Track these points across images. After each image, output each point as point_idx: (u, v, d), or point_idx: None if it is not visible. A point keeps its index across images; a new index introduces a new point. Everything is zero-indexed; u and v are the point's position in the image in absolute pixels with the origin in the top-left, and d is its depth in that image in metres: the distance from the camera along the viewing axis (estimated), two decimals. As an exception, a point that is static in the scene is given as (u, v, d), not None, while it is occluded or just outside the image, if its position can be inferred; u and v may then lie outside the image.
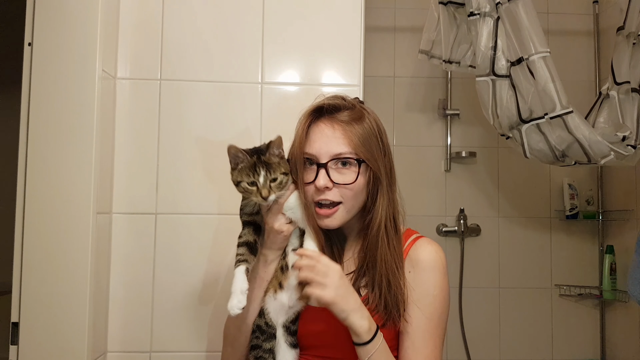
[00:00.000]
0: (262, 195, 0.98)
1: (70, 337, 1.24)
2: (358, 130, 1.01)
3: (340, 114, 1.03)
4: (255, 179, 0.99)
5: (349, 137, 1.00)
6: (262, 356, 1.05)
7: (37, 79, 1.27)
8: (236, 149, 1.01)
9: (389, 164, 1.06)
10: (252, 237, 1.06)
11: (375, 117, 1.06)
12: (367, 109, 1.07)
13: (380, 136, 1.04)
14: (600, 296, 2.39)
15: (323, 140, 1.01)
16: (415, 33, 2.27)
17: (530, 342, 2.46)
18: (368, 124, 1.03)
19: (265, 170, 0.99)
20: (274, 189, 0.99)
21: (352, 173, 1.01)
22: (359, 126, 1.01)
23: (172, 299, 1.41)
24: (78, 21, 1.29)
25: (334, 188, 1.01)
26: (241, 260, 1.02)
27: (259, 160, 1.01)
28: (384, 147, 1.05)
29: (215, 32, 1.45)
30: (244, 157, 1.01)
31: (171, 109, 1.43)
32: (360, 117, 1.03)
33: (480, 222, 2.49)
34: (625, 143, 1.83)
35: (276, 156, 1.03)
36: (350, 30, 1.46)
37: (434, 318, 1.01)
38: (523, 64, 1.82)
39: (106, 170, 1.36)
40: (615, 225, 2.42)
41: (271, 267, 1.06)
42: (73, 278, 1.24)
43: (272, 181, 0.99)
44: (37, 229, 1.25)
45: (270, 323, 1.06)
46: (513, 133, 1.95)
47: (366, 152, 1.01)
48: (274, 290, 1.06)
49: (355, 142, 1.00)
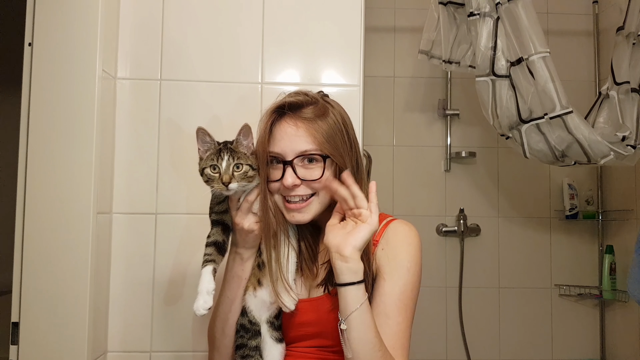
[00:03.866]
0: (223, 181, 0.96)
1: (70, 336, 1.24)
2: (322, 126, 1.01)
3: (304, 110, 1.03)
4: (218, 163, 0.97)
5: (312, 134, 1.01)
6: (249, 354, 1.05)
7: (37, 79, 1.27)
8: (204, 132, 1.00)
9: (355, 156, 1.06)
10: (220, 237, 1.05)
11: (340, 111, 1.07)
12: (331, 102, 1.08)
13: (345, 129, 1.05)
14: (600, 296, 2.39)
15: (287, 139, 1.01)
16: (415, 33, 2.27)
17: (530, 342, 2.46)
18: (332, 119, 1.03)
19: (229, 155, 0.97)
20: (237, 177, 0.97)
21: (319, 169, 1.01)
22: (323, 122, 1.02)
23: (171, 299, 1.41)
24: (78, 21, 1.29)
25: (302, 185, 1.02)
26: (208, 261, 1.01)
27: (225, 146, 1.00)
28: (350, 140, 1.05)
29: (215, 32, 1.45)
30: (212, 142, 1.00)
31: (171, 109, 1.43)
32: (324, 112, 1.03)
33: (480, 222, 2.49)
34: (625, 143, 1.83)
35: (244, 146, 1.02)
36: (350, 30, 1.46)
37: (407, 290, 1.01)
38: (523, 64, 1.83)
39: (106, 170, 1.36)
40: (615, 225, 2.42)
41: (248, 265, 1.07)
42: (73, 278, 1.25)
43: (235, 167, 0.97)
44: (37, 229, 1.25)
45: (253, 320, 1.06)
46: (513, 133, 1.95)
47: (331, 148, 1.01)
48: (253, 288, 1.06)
49: (320, 139, 1.00)
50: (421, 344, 2.36)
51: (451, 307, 2.46)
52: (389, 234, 1.07)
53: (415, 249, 1.05)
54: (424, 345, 2.40)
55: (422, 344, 2.37)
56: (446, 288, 2.47)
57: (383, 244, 1.06)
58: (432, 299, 2.45)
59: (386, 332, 0.98)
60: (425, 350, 2.42)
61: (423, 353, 2.40)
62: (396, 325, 0.99)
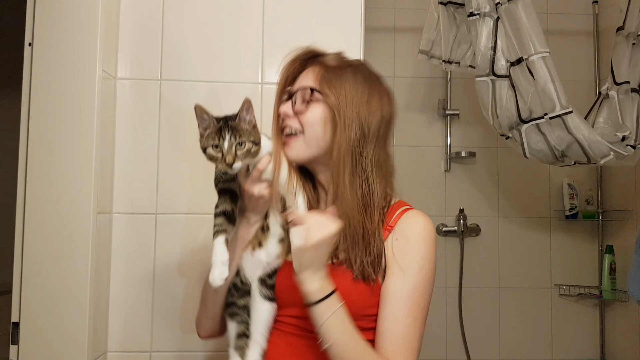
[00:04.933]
0: (227, 162, 0.93)
1: (70, 336, 1.24)
2: (336, 72, 1.02)
3: (327, 57, 1.06)
4: (220, 143, 0.93)
5: (320, 73, 1.02)
6: (236, 312, 1.04)
7: (38, 79, 1.27)
8: (202, 109, 0.97)
9: (371, 120, 1.01)
10: (229, 206, 1.01)
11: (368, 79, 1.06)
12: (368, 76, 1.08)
13: (369, 93, 1.03)
14: (600, 296, 2.39)
15: (300, 79, 1.05)
16: (415, 33, 2.27)
17: (530, 342, 2.46)
18: (353, 73, 1.03)
19: (230, 134, 0.94)
20: (240, 156, 0.94)
21: (311, 105, 1.01)
22: (340, 70, 1.03)
23: (172, 299, 1.41)
24: (78, 21, 1.29)
25: (295, 117, 1.01)
26: (220, 231, 0.97)
27: (225, 124, 0.96)
28: (370, 103, 1.03)
29: (215, 32, 1.45)
30: (210, 120, 0.97)
31: (171, 109, 1.43)
32: (346, 64, 1.05)
33: (480, 222, 2.49)
34: (625, 143, 1.83)
35: (247, 123, 0.98)
36: (350, 30, 1.46)
37: (418, 288, 0.96)
38: (523, 64, 1.83)
39: (106, 170, 1.36)
40: (614, 225, 2.42)
41: (254, 228, 1.04)
42: (73, 278, 1.25)
43: (238, 146, 0.94)
44: (37, 228, 1.25)
45: (244, 280, 1.04)
46: (513, 133, 1.95)
47: (331, 89, 0.99)
48: (252, 248, 1.03)
49: (322, 79, 1.01)
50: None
51: (451, 307, 2.46)
52: (404, 224, 0.99)
53: (431, 244, 0.98)
54: (424, 345, 2.38)
55: (422, 343, 2.37)
56: (446, 288, 2.46)
57: (397, 233, 0.99)
58: (432, 299, 2.43)
59: (392, 336, 0.93)
60: (425, 350, 2.38)
61: (423, 353, 2.37)
62: (403, 328, 0.94)
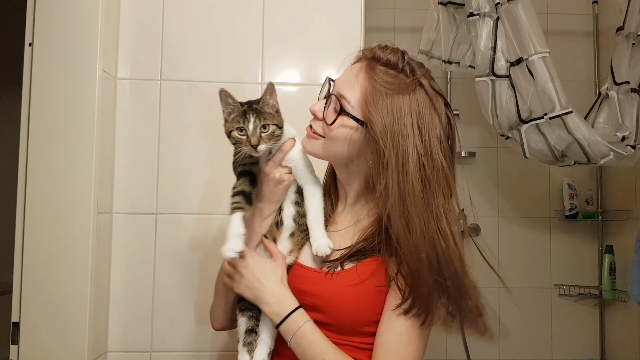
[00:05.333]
0: (252, 143, 0.94)
1: (70, 336, 1.24)
2: (381, 98, 0.90)
3: (379, 68, 0.94)
4: (245, 125, 0.95)
5: (365, 93, 0.92)
6: (247, 307, 1.03)
7: (38, 79, 1.28)
8: (226, 94, 0.98)
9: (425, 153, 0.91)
10: (247, 187, 1.01)
11: (421, 105, 0.92)
12: (421, 88, 0.93)
13: (417, 122, 0.91)
14: (599, 296, 2.39)
15: (345, 76, 0.97)
16: (415, 33, 2.27)
17: (530, 342, 2.46)
18: (399, 102, 0.90)
19: (255, 117, 0.95)
20: (264, 138, 0.95)
21: (341, 122, 0.94)
22: (385, 95, 0.90)
23: (172, 298, 1.41)
24: (78, 21, 1.29)
25: (319, 121, 0.98)
26: (237, 208, 0.97)
27: (249, 107, 0.97)
28: (420, 134, 0.92)
29: (215, 32, 1.46)
30: (235, 104, 0.98)
31: (171, 109, 1.43)
32: (394, 87, 0.91)
33: (479, 222, 2.49)
34: (625, 143, 1.83)
35: (270, 106, 0.99)
36: (350, 30, 1.46)
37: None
38: (522, 64, 1.83)
39: (107, 170, 1.36)
40: (614, 225, 2.42)
41: (267, 222, 1.03)
42: (74, 278, 1.25)
43: (262, 128, 0.96)
44: (37, 228, 1.25)
45: None
46: (512, 133, 1.95)
47: (374, 117, 0.90)
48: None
49: (364, 103, 0.91)
50: (421, 343, 2.36)
51: (451, 307, 2.46)
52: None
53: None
54: (423, 345, 2.40)
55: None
56: (446, 288, 2.46)
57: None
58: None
59: (385, 344, 0.91)
60: (425, 350, 2.41)
61: (423, 353, 2.40)
62: (397, 338, 0.92)
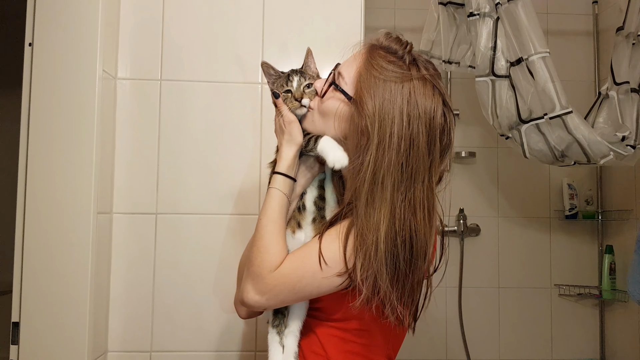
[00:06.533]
0: (295, 97, 0.99)
1: (70, 336, 1.24)
2: (374, 82, 0.91)
3: (378, 52, 0.95)
4: (290, 86, 1.01)
5: (359, 75, 0.93)
6: None
7: (38, 79, 1.28)
8: (268, 66, 1.04)
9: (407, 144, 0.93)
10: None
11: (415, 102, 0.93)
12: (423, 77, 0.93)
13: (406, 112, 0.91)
14: (599, 296, 2.39)
15: (349, 58, 1.00)
16: (415, 33, 2.27)
17: (530, 342, 2.46)
18: (391, 90, 0.90)
19: (298, 77, 1.02)
20: (307, 93, 1.00)
21: (334, 94, 0.96)
22: (380, 81, 0.90)
23: (172, 298, 1.41)
24: (79, 21, 1.29)
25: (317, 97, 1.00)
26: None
27: (292, 71, 1.04)
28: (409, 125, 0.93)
29: (215, 32, 1.46)
30: (276, 73, 1.05)
31: (171, 109, 1.43)
32: (390, 76, 0.91)
33: (479, 222, 2.49)
34: (625, 143, 1.83)
35: (311, 70, 1.06)
36: (351, 30, 1.46)
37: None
38: (522, 64, 1.83)
39: (106, 170, 1.36)
40: (614, 225, 2.42)
41: (291, 207, 1.03)
42: (74, 278, 1.25)
43: (306, 87, 1.01)
44: (37, 228, 1.25)
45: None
46: (512, 133, 1.95)
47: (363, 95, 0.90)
48: (292, 231, 1.04)
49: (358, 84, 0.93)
50: (421, 344, 2.36)
51: (451, 307, 2.46)
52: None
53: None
54: (424, 345, 2.40)
55: (422, 344, 2.37)
56: (446, 288, 2.46)
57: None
58: (432, 299, 2.44)
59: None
60: (425, 350, 2.42)
61: (423, 353, 2.40)
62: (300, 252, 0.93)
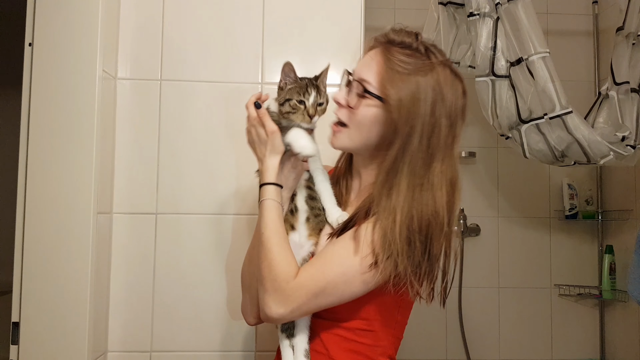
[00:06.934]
0: (309, 114, 1.02)
1: (70, 336, 1.24)
2: (399, 78, 0.93)
3: (395, 49, 0.97)
4: (305, 98, 1.02)
5: (381, 72, 0.95)
6: None
7: (38, 79, 1.28)
8: (290, 68, 1.04)
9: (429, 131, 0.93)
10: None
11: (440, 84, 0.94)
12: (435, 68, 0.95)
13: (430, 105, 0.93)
14: (599, 296, 2.39)
15: (363, 61, 1.01)
16: (415, 33, 2.27)
17: (530, 342, 2.46)
18: (416, 80, 0.93)
19: (316, 92, 1.03)
20: (319, 111, 1.03)
21: (364, 103, 0.97)
22: (404, 75, 0.94)
23: (172, 298, 1.41)
24: (79, 21, 1.29)
25: (344, 109, 1.01)
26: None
27: (310, 82, 1.04)
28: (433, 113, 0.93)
29: (215, 32, 1.45)
30: (295, 78, 1.05)
31: (171, 109, 1.43)
32: (412, 68, 0.94)
33: (479, 222, 2.49)
34: (625, 143, 1.83)
35: (324, 86, 1.07)
36: (351, 30, 1.46)
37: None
38: (522, 64, 1.83)
39: (107, 170, 1.36)
40: (614, 225, 2.42)
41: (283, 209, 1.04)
42: (74, 278, 1.25)
43: (319, 105, 1.03)
44: (37, 228, 1.25)
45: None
46: (512, 133, 1.95)
47: (391, 92, 0.93)
48: (286, 232, 1.04)
49: (384, 81, 0.94)
50: (421, 344, 2.36)
51: (451, 307, 2.45)
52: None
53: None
54: (424, 345, 2.40)
55: (422, 344, 2.37)
56: (446, 288, 2.46)
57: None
58: (432, 299, 2.44)
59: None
60: (426, 350, 2.41)
61: (423, 353, 2.40)
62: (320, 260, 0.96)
